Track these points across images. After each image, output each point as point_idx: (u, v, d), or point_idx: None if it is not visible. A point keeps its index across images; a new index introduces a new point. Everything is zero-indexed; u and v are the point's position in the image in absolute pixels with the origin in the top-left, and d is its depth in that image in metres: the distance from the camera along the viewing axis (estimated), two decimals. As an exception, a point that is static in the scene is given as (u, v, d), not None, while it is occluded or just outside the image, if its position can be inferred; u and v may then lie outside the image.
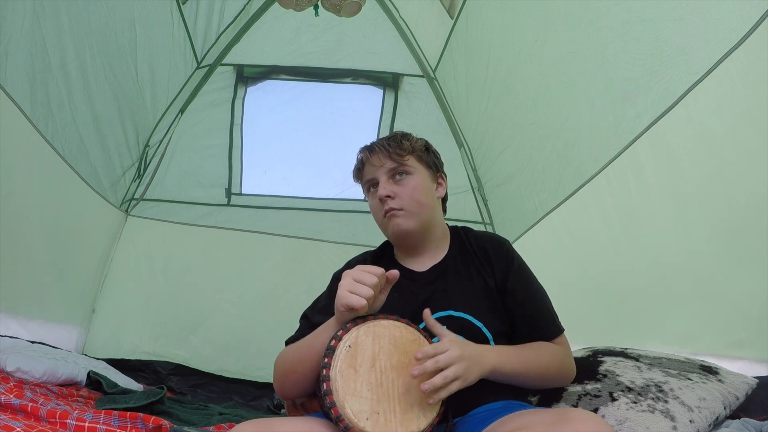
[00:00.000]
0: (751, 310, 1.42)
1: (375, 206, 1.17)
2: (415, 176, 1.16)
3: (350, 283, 0.91)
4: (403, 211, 1.12)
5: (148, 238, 3.14)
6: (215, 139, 3.24)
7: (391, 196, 1.12)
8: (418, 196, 1.14)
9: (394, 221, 1.13)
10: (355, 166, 1.24)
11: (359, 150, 1.22)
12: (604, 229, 2.02)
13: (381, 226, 1.18)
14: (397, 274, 0.95)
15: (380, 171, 1.15)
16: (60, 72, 2.10)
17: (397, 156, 1.15)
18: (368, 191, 1.20)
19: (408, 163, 1.16)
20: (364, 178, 1.20)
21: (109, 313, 2.99)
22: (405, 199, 1.13)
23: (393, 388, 0.87)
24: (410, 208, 1.13)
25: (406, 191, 1.13)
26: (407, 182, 1.14)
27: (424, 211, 1.15)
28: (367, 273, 0.91)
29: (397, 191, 1.13)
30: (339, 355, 0.87)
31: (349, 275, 0.92)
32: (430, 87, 3.24)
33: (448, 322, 1.07)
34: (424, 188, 1.16)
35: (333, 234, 3.24)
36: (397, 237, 1.16)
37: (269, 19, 3.11)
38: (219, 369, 3.01)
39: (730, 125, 1.45)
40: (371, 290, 0.90)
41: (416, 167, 1.17)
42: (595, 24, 1.85)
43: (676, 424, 1.11)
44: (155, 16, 2.53)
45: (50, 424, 1.17)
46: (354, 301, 0.89)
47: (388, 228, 1.15)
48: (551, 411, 0.97)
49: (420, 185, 1.15)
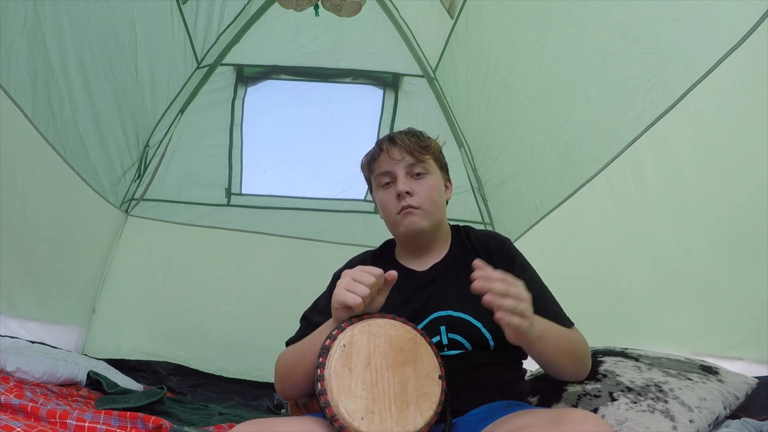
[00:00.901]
0: (751, 311, 1.42)
1: (388, 201, 1.14)
2: (432, 176, 1.15)
3: (348, 282, 0.91)
4: (420, 210, 1.11)
5: (148, 238, 3.14)
6: (215, 139, 3.24)
7: (410, 193, 1.11)
8: (434, 196, 1.13)
9: (410, 219, 1.11)
10: (369, 155, 1.19)
11: (379, 140, 1.18)
12: (604, 229, 2.02)
13: (391, 222, 1.16)
14: (395, 275, 0.94)
15: (399, 165, 1.13)
16: (60, 72, 2.10)
17: (419, 153, 1.13)
18: (379, 184, 1.17)
19: (428, 162, 1.15)
20: (378, 169, 1.16)
21: (109, 313, 3.00)
22: (423, 197, 1.12)
23: (389, 387, 0.87)
24: (427, 208, 1.12)
25: (424, 190, 1.12)
26: (425, 181, 1.13)
27: (438, 212, 1.15)
28: (366, 273, 0.91)
29: (415, 189, 1.12)
30: (333, 354, 0.87)
31: (348, 274, 0.92)
32: (430, 87, 3.24)
33: (447, 321, 1.07)
34: (439, 189, 1.16)
35: (333, 234, 3.24)
36: (409, 235, 1.15)
37: (269, 19, 3.11)
38: (219, 369, 3.01)
39: (730, 125, 1.45)
40: (368, 289, 0.89)
41: (433, 167, 1.16)
42: (595, 24, 1.85)
43: (676, 424, 1.11)
44: (155, 16, 2.53)
45: (50, 424, 1.17)
46: (350, 298, 0.89)
47: (401, 224, 1.13)
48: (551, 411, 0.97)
49: (436, 185, 1.15)
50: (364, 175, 1.24)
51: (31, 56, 1.91)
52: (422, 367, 0.91)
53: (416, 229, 1.12)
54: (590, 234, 2.11)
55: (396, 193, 1.12)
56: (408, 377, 0.89)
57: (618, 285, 1.96)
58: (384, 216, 1.18)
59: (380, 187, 1.16)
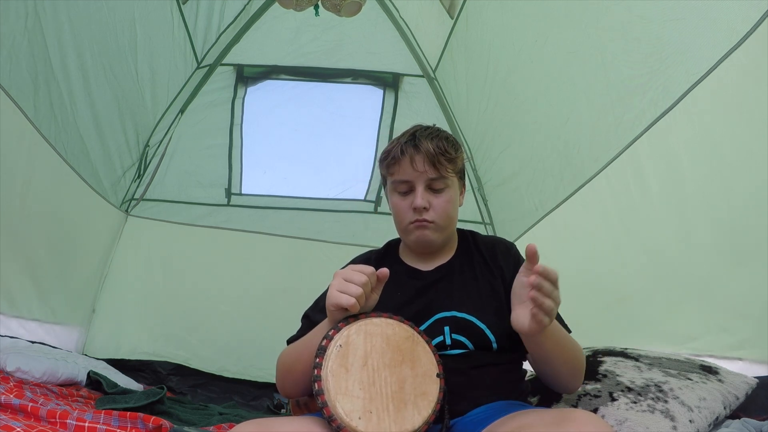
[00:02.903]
0: (751, 311, 1.42)
1: (402, 208, 1.12)
2: (450, 189, 1.12)
3: (340, 283, 0.91)
4: (434, 224, 1.10)
5: (148, 238, 3.14)
6: (215, 139, 3.24)
7: (427, 208, 1.09)
8: (450, 211, 1.12)
9: (422, 232, 1.11)
10: (389, 156, 1.12)
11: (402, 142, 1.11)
12: (604, 229, 2.02)
13: (402, 228, 1.14)
14: (387, 273, 0.94)
15: (420, 177, 1.09)
16: (61, 73, 2.10)
17: (442, 168, 1.09)
18: (395, 189, 1.13)
19: (449, 174, 1.11)
20: (397, 175, 1.11)
21: (109, 313, 2.99)
22: (439, 213, 1.10)
23: (386, 386, 0.87)
24: (441, 222, 1.11)
25: (441, 204, 1.10)
26: (443, 195, 1.10)
27: (452, 225, 1.15)
28: (357, 272, 0.91)
29: (433, 203, 1.10)
30: (330, 354, 0.87)
31: (339, 275, 0.92)
32: (430, 87, 3.24)
33: (451, 322, 1.07)
34: (455, 202, 1.14)
35: (333, 234, 3.24)
36: (419, 245, 1.15)
37: (269, 19, 3.11)
38: (219, 369, 3.01)
39: (730, 125, 1.45)
40: (361, 289, 0.89)
41: (453, 180, 1.13)
42: (595, 24, 1.85)
43: (676, 424, 1.11)
44: (155, 16, 2.53)
45: (50, 424, 1.17)
46: (343, 299, 0.89)
47: (412, 234, 1.12)
48: (551, 411, 0.97)
49: (453, 199, 1.12)
50: (380, 169, 1.20)
51: (32, 57, 1.91)
52: (420, 366, 0.91)
53: (427, 241, 1.12)
54: (590, 234, 2.11)
55: (413, 206, 1.09)
56: (406, 376, 0.89)
57: (618, 285, 1.96)
58: (396, 220, 1.16)
59: (396, 192, 1.13)
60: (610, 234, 1.98)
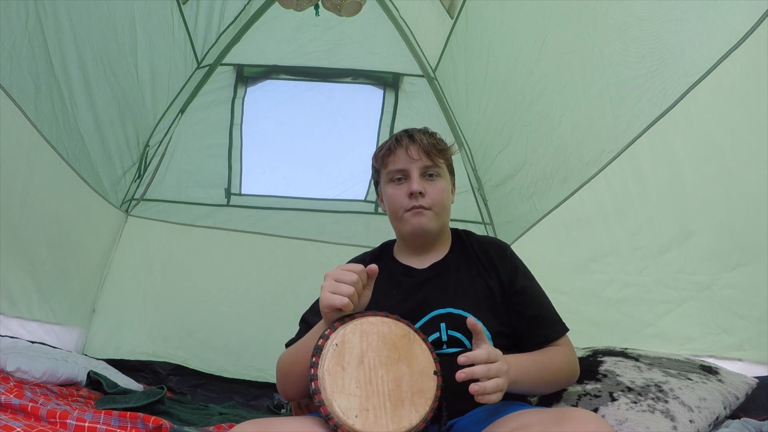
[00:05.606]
0: (751, 311, 1.42)
1: (397, 197, 1.15)
2: (443, 179, 1.18)
3: (331, 284, 0.91)
4: (431, 211, 1.14)
5: (148, 238, 3.14)
6: (215, 139, 3.24)
7: (423, 194, 1.13)
8: (444, 199, 1.16)
9: (419, 218, 1.13)
10: (384, 147, 1.19)
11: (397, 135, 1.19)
12: (603, 230, 2.02)
13: (398, 218, 1.17)
14: (376, 269, 0.95)
15: (414, 165, 1.14)
16: (61, 73, 2.10)
17: (435, 156, 1.15)
18: (391, 179, 1.18)
19: (441, 165, 1.17)
20: (392, 164, 1.16)
21: (109, 313, 2.99)
22: (434, 199, 1.14)
23: (382, 384, 0.87)
24: (436, 209, 1.14)
25: (436, 192, 1.15)
26: (437, 183, 1.16)
27: (446, 214, 1.18)
28: (347, 271, 0.92)
29: (428, 190, 1.14)
30: (326, 354, 0.87)
31: (330, 276, 0.92)
32: (430, 87, 3.24)
33: (447, 319, 1.07)
34: (447, 192, 1.18)
35: (333, 235, 3.24)
36: (415, 234, 1.16)
37: (269, 19, 3.11)
38: (219, 369, 3.01)
39: (730, 125, 1.45)
40: (352, 288, 0.90)
41: (444, 171, 1.19)
42: (594, 24, 1.85)
43: (676, 424, 1.11)
44: (155, 16, 2.53)
45: (50, 424, 1.17)
46: (336, 300, 0.89)
47: (409, 222, 1.14)
48: (551, 411, 0.97)
49: (446, 188, 1.18)
50: (372, 165, 1.24)
51: (32, 57, 1.91)
52: (416, 364, 0.91)
53: (423, 229, 1.14)
54: (590, 234, 2.11)
55: (409, 191, 1.13)
56: (402, 374, 0.89)
57: (618, 285, 1.96)
58: (390, 211, 1.19)
59: (391, 182, 1.17)
60: (609, 234, 1.98)
